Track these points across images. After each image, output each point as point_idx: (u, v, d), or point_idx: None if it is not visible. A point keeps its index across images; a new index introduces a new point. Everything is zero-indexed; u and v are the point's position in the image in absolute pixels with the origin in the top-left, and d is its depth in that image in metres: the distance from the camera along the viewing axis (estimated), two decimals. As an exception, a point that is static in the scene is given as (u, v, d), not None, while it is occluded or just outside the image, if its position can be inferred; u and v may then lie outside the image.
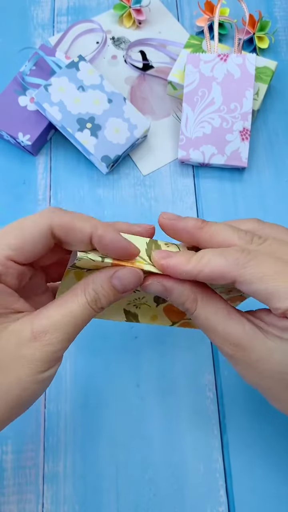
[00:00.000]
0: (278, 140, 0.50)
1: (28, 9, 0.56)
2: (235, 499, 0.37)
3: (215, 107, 0.46)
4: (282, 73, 0.52)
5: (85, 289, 0.26)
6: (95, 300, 0.26)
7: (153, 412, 0.40)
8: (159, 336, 0.42)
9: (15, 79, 0.48)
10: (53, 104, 0.45)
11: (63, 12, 0.56)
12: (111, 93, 0.47)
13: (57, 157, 0.49)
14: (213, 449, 0.38)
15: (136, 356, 0.41)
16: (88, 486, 0.38)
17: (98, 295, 0.26)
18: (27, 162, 0.49)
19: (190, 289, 0.26)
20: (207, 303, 0.26)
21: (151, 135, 0.50)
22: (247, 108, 0.46)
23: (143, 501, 0.37)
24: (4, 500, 0.37)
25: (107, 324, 0.42)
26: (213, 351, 0.42)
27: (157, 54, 0.53)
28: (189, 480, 0.38)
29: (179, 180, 0.48)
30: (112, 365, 0.41)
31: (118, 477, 0.38)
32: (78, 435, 0.39)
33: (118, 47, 0.54)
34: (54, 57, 0.49)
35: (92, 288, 0.26)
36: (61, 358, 0.26)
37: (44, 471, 0.38)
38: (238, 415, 0.39)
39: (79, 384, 0.40)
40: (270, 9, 0.56)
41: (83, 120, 0.45)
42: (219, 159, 0.46)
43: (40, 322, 0.25)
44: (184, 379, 0.41)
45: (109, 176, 0.48)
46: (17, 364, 0.24)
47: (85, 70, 0.47)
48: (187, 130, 0.47)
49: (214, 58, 0.47)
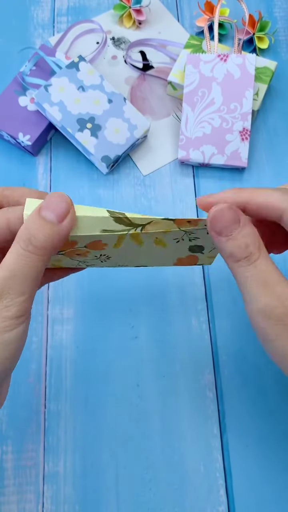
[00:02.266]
0: (278, 140, 0.50)
1: (28, 9, 0.56)
2: (235, 499, 0.37)
3: (215, 107, 0.46)
4: (282, 73, 0.52)
5: (18, 236, 0.24)
6: (29, 239, 0.23)
7: (153, 412, 0.40)
8: (159, 336, 0.42)
9: (15, 79, 0.48)
10: (53, 104, 0.45)
11: (63, 12, 0.56)
12: (111, 93, 0.47)
13: (57, 157, 0.49)
14: (213, 449, 0.39)
15: (136, 356, 0.41)
16: (88, 486, 0.38)
17: (30, 233, 0.23)
18: (27, 162, 0.49)
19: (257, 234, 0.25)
20: (267, 257, 0.25)
21: (151, 135, 0.50)
22: (247, 108, 0.46)
23: (143, 501, 0.37)
24: (4, 500, 0.37)
25: (107, 324, 0.42)
26: (213, 351, 0.42)
27: (157, 54, 0.53)
28: (189, 480, 0.38)
29: (179, 180, 0.48)
30: (112, 365, 0.41)
31: (118, 477, 0.38)
32: (78, 435, 0.39)
33: (118, 47, 0.54)
34: (54, 57, 0.49)
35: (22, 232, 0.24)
36: (20, 317, 0.24)
37: (44, 471, 0.38)
38: (238, 415, 0.39)
39: (79, 384, 0.40)
40: (270, 9, 0.56)
41: (83, 120, 0.45)
42: (219, 159, 0.46)
43: None
44: (184, 379, 0.41)
45: (109, 176, 0.48)
46: None
47: (85, 70, 0.47)
48: (187, 130, 0.47)
49: (214, 58, 0.47)
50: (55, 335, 0.42)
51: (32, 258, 0.23)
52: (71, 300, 0.43)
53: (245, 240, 0.24)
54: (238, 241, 0.24)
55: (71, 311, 0.43)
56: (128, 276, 0.44)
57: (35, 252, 0.23)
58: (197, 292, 0.43)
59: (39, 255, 0.24)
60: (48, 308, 0.43)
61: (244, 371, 0.41)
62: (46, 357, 0.41)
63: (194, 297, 0.43)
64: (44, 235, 0.23)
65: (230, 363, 0.41)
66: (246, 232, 0.25)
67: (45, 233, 0.23)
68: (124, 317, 0.43)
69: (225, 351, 0.41)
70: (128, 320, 0.43)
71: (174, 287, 0.44)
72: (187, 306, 0.43)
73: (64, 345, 0.42)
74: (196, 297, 0.43)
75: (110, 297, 0.43)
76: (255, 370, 0.41)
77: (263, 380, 0.40)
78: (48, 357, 0.41)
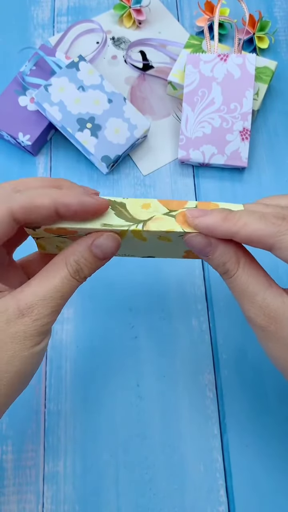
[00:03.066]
0: (278, 140, 0.50)
1: (28, 9, 0.56)
2: (235, 499, 0.37)
3: (215, 107, 0.46)
4: (282, 73, 0.52)
5: (67, 261, 0.25)
6: (77, 271, 0.26)
7: (153, 412, 0.40)
8: (159, 336, 0.42)
9: (15, 79, 0.48)
10: (53, 104, 0.45)
11: (63, 12, 0.56)
12: (111, 93, 0.47)
13: (57, 157, 0.49)
14: (213, 449, 0.38)
15: (136, 356, 0.41)
16: (88, 486, 0.38)
17: (80, 265, 0.25)
18: (27, 162, 0.49)
19: (234, 249, 0.26)
20: (249, 268, 0.26)
21: (151, 135, 0.50)
22: (247, 108, 0.46)
23: (143, 501, 0.37)
24: (4, 500, 0.37)
25: (107, 324, 0.42)
26: (213, 351, 0.42)
27: (157, 54, 0.53)
28: (189, 480, 0.38)
29: (179, 180, 0.48)
30: (112, 365, 0.41)
31: (118, 477, 0.38)
32: (78, 435, 0.39)
33: (118, 47, 0.54)
34: (54, 57, 0.49)
35: (73, 260, 0.25)
36: (51, 330, 0.27)
37: (44, 471, 0.38)
38: (238, 415, 0.39)
39: (79, 384, 0.40)
40: (270, 9, 0.56)
41: (83, 120, 0.45)
42: (219, 159, 0.46)
43: (25, 298, 0.25)
44: (184, 379, 0.41)
45: (109, 176, 0.48)
46: (10, 342, 0.24)
47: (85, 70, 0.47)
48: (187, 130, 0.47)
49: (214, 58, 0.47)
50: (55, 335, 0.42)
51: (76, 284, 0.26)
52: (71, 300, 0.43)
53: (220, 259, 0.26)
54: (215, 261, 0.26)
55: (71, 311, 0.43)
56: (128, 276, 0.44)
57: (79, 280, 0.26)
58: (197, 292, 0.43)
59: (81, 281, 0.26)
60: (48, 308, 0.43)
61: (244, 371, 0.41)
62: (46, 357, 0.41)
63: (194, 297, 0.43)
64: (89, 269, 0.26)
65: (230, 363, 0.41)
66: (219, 252, 0.26)
67: (90, 267, 0.26)
68: (124, 317, 0.43)
69: (225, 351, 0.41)
70: (128, 320, 0.43)
71: (174, 287, 0.44)
72: (187, 306, 0.43)
73: (64, 345, 0.42)
74: (196, 297, 0.43)
75: (110, 297, 0.43)
76: (255, 370, 0.41)
77: (263, 380, 0.40)
78: (48, 357, 0.41)
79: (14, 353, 0.24)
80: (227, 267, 0.26)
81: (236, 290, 0.26)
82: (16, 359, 0.25)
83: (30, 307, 0.25)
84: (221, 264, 0.26)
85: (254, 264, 0.26)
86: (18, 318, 0.24)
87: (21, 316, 0.24)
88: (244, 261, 0.26)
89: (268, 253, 0.25)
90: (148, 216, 0.26)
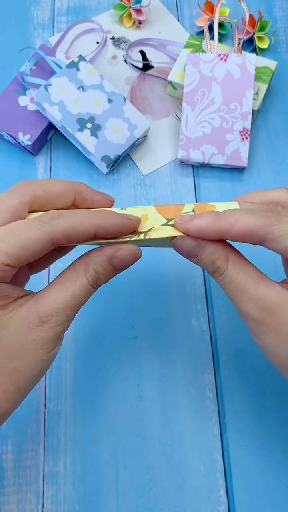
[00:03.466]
0: (278, 140, 0.50)
1: (28, 9, 0.56)
2: (235, 499, 0.37)
3: (215, 107, 0.46)
4: (282, 73, 0.52)
5: (86, 269, 0.26)
6: (96, 280, 0.26)
7: (153, 412, 0.40)
8: (159, 336, 0.42)
9: (15, 79, 0.48)
10: (53, 104, 0.45)
11: (63, 12, 0.56)
12: (111, 93, 0.47)
13: (57, 157, 0.49)
14: (213, 449, 0.38)
15: (136, 356, 0.41)
16: (88, 486, 0.38)
17: (98, 275, 0.26)
18: (27, 162, 0.49)
19: (222, 247, 0.26)
20: (239, 264, 0.26)
21: (151, 135, 0.50)
22: (247, 108, 0.46)
23: (143, 501, 0.37)
24: (4, 500, 0.37)
25: (107, 324, 0.42)
26: (213, 351, 0.42)
27: (157, 54, 0.53)
28: (189, 480, 0.38)
29: (179, 180, 0.48)
30: (112, 365, 0.41)
31: (118, 477, 0.38)
32: (78, 435, 0.39)
33: (118, 47, 0.54)
34: (54, 57, 0.49)
35: (93, 269, 0.26)
36: (62, 337, 0.27)
37: (44, 471, 0.38)
38: (238, 415, 0.39)
39: (79, 384, 0.40)
40: (270, 9, 0.56)
41: (83, 120, 0.45)
42: (219, 159, 0.46)
43: (45, 306, 0.25)
44: (184, 379, 0.41)
45: (109, 176, 0.48)
46: (31, 348, 0.25)
47: (85, 70, 0.47)
48: (187, 130, 0.47)
49: (214, 58, 0.47)
50: (55, 335, 0.42)
51: (92, 292, 0.27)
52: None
53: (209, 258, 0.26)
54: (204, 261, 0.27)
55: (71, 311, 0.43)
56: (128, 276, 0.44)
57: (95, 288, 0.27)
58: (197, 292, 0.43)
59: (96, 289, 0.27)
60: (48, 308, 0.43)
61: (244, 371, 0.41)
62: (46, 357, 0.41)
63: (194, 297, 0.43)
64: (106, 279, 0.27)
65: (230, 363, 0.41)
66: (208, 252, 0.26)
67: (108, 277, 0.27)
68: (124, 317, 0.43)
69: (225, 351, 0.41)
70: (128, 320, 0.43)
71: (174, 287, 0.44)
72: (187, 306, 0.43)
73: (64, 345, 0.42)
74: (196, 297, 0.43)
75: (110, 297, 0.43)
76: (255, 370, 0.41)
77: (263, 380, 0.40)
78: (48, 357, 0.41)
79: (35, 359, 0.25)
80: (217, 264, 0.26)
81: (229, 287, 0.26)
82: (36, 364, 0.26)
83: (49, 315, 0.25)
84: (211, 263, 0.26)
85: (243, 260, 0.27)
86: (38, 326, 0.25)
87: (41, 323, 0.25)
88: (233, 257, 0.26)
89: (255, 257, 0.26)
90: (148, 228, 0.27)
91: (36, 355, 0.25)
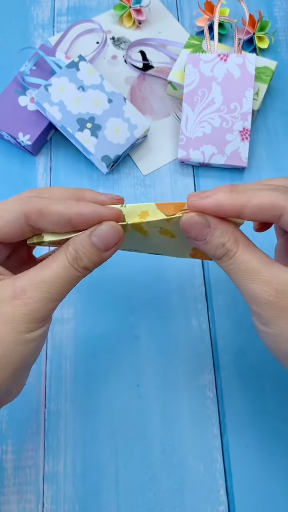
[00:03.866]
0: (278, 140, 0.50)
1: (28, 9, 0.56)
2: (235, 499, 0.37)
3: (215, 107, 0.46)
4: (282, 73, 0.52)
5: (66, 249, 0.26)
6: (76, 258, 0.25)
7: (153, 412, 0.40)
8: (159, 336, 0.42)
9: (15, 79, 0.48)
10: (53, 104, 0.45)
11: (63, 12, 0.56)
12: (111, 93, 0.47)
13: (57, 157, 0.49)
14: (213, 449, 0.38)
15: (136, 356, 0.41)
16: (88, 486, 0.38)
17: (78, 253, 0.25)
18: (27, 162, 0.49)
19: (232, 229, 0.26)
20: (248, 246, 0.26)
21: (151, 135, 0.50)
22: (247, 108, 0.46)
23: (143, 500, 0.37)
24: (4, 500, 0.37)
25: (107, 324, 0.42)
26: (213, 351, 0.42)
27: (157, 54, 0.53)
28: (189, 480, 0.38)
29: (179, 180, 0.48)
30: (112, 364, 0.41)
31: (118, 477, 0.38)
32: (78, 435, 0.39)
33: (118, 47, 0.54)
34: (54, 57, 0.49)
35: (72, 247, 0.25)
36: (47, 320, 0.26)
37: (44, 471, 0.38)
38: (238, 415, 0.39)
39: (79, 384, 0.40)
40: (270, 9, 0.56)
41: (83, 120, 0.45)
42: (219, 159, 0.46)
43: (21, 281, 0.25)
44: (184, 379, 0.41)
45: (109, 176, 0.48)
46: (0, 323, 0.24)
47: (85, 70, 0.47)
48: (187, 130, 0.47)
49: (214, 58, 0.47)
50: (55, 335, 0.42)
51: (74, 272, 0.25)
52: (71, 300, 0.43)
53: (219, 240, 0.25)
54: (213, 243, 0.26)
55: (71, 311, 0.43)
56: (128, 276, 0.44)
57: (78, 269, 0.26)
58: (197, 292, 0.43)
59: (81, 272, 0.26)
60: (48, 308, 0.43)
61: (244, 371, 0.41)
62: (46, 357, 0.41)
63: (194, 297, 0.43)
64: (88, 259, 0.26)
65: (230, 363, 0.41)
66: (218, 233, 0.25)
67: (89, 257, 0.26)
68: (124, 317, 0.43)
69: (225, 351, 0.41)
70: (128, 320, 0.43)
71: (174, 287, 0.44)
72: (187, 306, 0.43)
73: (64, 345, 0.42)
74: (196, 297, 0.43)
75: (110, 297, 0.43)
76: (255, 370, 0.41)
77: (263, 380, 0.40)
78: (48, 357, 0.41)
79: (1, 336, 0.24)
80: (227, 247, 0.25)
81: (238, 271, 0.25)
82: (4, 342, 0.24)
83: (23, 290, 0.24)
84: (220, 246, 0.25)
85: (251, 243, 0.26)
86: (10, 300, 0.24)
87: (14, 298, 0.24)
88: (243, 240, 0.26)
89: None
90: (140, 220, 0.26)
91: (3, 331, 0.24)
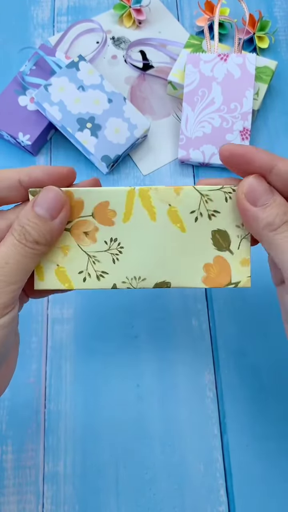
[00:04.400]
0: (278, 140, 0.50)
1: (28, 9, 0.56)
2: (235, 499, 0.37)
3: (215, 107, 0.46)
4: (282, 73, 0.52)
5: (12, 228, 0.24)
6: (23, 234, 0.24)
7: (153, 412, 0.40)
8: (159, 336, 0.42)
9: (15, 79, 0.48)
10: (53, 104, 0.45)
11: (63, 12, 0.56)
12: (111, 93, 0.47)
13: (57, 157, 0.49)
14: (213, 449, 0.38)
15: (136, 356, 0.41)
16: (88, 486, 0.38)
17: (24, 227, 0.24)
18: (27, 162, 0.49)
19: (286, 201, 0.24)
20: None
21: (151, 135, 0.50)
22: (247, 108, 0.46)
23: (143, 500, 0.37)
24: (4, 500, 0.37)
25: (107, 324, 0.42)
26: (213, 351, 0.42)
27: (157, 54, 0.53)
28: (189, 480, 0.38)
29: (179, 180, 0.48)
30: (112, 364, 0.41)
31: (118, 477, 0.38)
32: (78, 435, 0.39)
33: (118, 47, 0.54)
34: (54, 57, 0.49)
35: (17, 223, 0.24)
36: (11, 305, 0.24)
37: (44, 471, 0.38)
38: (238, 415, 0.39)
39: (79, 384, 0.40)
40: (270, 9, 0.56)
41: (83, 120, 0.45)
42: (219, 159, 0.46)
43: None
44: (184, 379, 0.41)
45: (109, 176, 0.48)
46: None
47: (85, 70, 0.47)
48: (187, 130, 0.47)
49: (214, 58, 0.47)
50: (55, 335, 0.42)
51: (25, 250, 0.24)
52: (71, 300, 0.43)
53: (281, 208, 0.24)
54: (275, 209, 0.24)
55: (71, 311, 0.43)
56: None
57: (29, 245, 0.24)
58: (197, 292, 0.43)
59: (32, 248, 0.24)
60: (48, 308, 0.43)
61: (244, 371, 0.41)
62: (46, 357, 0.41)
63: (194, 297, 0.43)
64: (36, 231, 0.24)
65: (230, 363, 0.41)
66: (280, 200, 0.24)
67: (37, 229, 0.24)
68: (124, 317, 0.43)
69: (225, 351, 0.41)
70: (128, 320, 0.43)
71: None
72: (187, 306, 0.43)
73: (64, 345, 0.42)
74: (196, 297, 0.43)
75: (110, 297, 0.43)
76: (255, 370, 0.41)
77: (263, 380, 0.40)
78: (48, 357, 0.41)
79: None
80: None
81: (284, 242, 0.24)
82: None
83: None
84: (282, 213, 0.24)
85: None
86: None
87: None
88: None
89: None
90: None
91: None
